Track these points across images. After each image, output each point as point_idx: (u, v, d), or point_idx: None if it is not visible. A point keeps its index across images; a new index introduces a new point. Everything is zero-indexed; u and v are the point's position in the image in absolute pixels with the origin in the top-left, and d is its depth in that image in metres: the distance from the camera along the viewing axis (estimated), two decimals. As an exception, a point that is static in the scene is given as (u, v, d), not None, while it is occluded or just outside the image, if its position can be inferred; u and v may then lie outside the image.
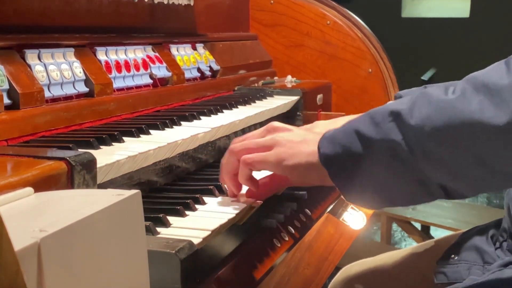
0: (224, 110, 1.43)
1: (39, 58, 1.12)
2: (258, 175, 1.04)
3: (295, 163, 0.95)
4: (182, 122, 1.24)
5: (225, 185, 1.04)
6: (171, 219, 0.89)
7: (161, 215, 0.87)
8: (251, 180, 0.99)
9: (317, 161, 0.93)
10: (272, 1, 2.16)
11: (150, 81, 1.42)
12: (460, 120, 0.81)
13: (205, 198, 1.01)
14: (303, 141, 0.96)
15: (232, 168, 1.00)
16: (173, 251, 0.72)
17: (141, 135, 1.09)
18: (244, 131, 1.46)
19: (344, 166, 0.90)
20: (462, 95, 0.82)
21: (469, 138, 0.81)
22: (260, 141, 0.98)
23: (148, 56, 1.44)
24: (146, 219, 0.77)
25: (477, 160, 0.82)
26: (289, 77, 2.01)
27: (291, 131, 1.00)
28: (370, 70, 2.07)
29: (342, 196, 0.96)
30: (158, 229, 0.85)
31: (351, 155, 0.89)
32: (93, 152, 0.84)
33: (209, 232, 0.85)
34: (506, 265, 1.03)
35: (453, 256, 1.15)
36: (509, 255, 1.06)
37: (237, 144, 1.00)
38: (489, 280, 1.00)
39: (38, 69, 1.10)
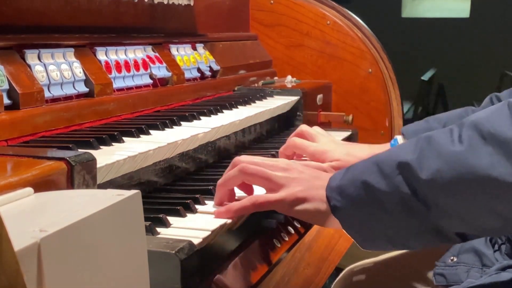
0: (224, 110, 1.43)
1: (39, 58, 1.12)
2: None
3: (303, 210, 0.93)
4: (182, 122, 1.24)
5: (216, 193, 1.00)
6: (171, 219, 0.89)
7: (161, 215, 0.87)
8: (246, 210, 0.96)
9: (326, 209, 0.92)
10: (272, 1, 2.16)
11: (150, 81, 1.42)
12: (471, 175, 0.79)
13: (205, 199, 1.01)
14: (314, 185, 0.95)
15: (233, 184, 0.99)
16: (173, 251, 0.72)
17: (141, 135, 1.09)
18: (244, 131, 1.46)
19: (356, 218, 0.90)
20: (470, 147, 0.80)
21: (482, 193, 0.79)
22: (273, 175, 0.95)
23: (148, 56, 1.44)
24: (146, 219, 0.77)
25: (491, 213, 0.81)
26: (289, 77, 2.01)
27: (302, 174, 0.97)
28: (370, 70, 2.07)
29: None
30: (158, 229, 0.85)
31: (362, 208, 0.88)
32: (93, 152, 0.84)
33: (209, 232, 0.85)
34: (504, 268, 1.03)
35: (452, 258, 1.15)
36: (507, 259, 1.06)
37: (250, 166, 0.97)
38: (485, 283, 1.01)
39: (38, 69, 1.10)
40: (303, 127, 1.24)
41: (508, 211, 0.80)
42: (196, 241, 0.79)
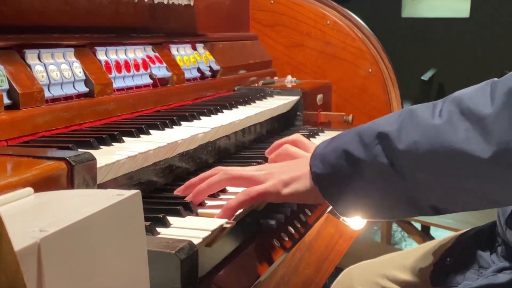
0: (224, 110, 1.43)
1: (39, 58, 1.12)
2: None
3: (292, 191, 0.97)
4: (182, 122, 1.24)
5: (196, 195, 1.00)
6: (171, 219, 0.89)
7: (161, 215, 0.87)
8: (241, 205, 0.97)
9: (310, 183, 0.95)
10: (272, 1, 2.16)
11: (150, 81, 1.42)
12: (446, 149, 0.81)
13: (205, 199, 1.01)
14: (296, 167, 0.98)
15: (218, 188, 1.00)
16: (173, 251, 0.72)
17: (141, 135, 1.09)
18: (244, 131, 1.46)
19: (334, 185, 0.92)
20: (449, 121, 0.82)
21: (456, 168, 0.81)
22: (255, 173, 0.99)
23: (148, 56, 1.44)
24: (146, 219, 0.77)
25: (465, 188, 0.83)
26: (289, 77, 2.01)
27: (283, 166, 1.01)
28: (370, 70, 2.07)
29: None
30: (158, 229, 0.85)
31: (341, 175, 0.91)
32: (93, 152, 0.84)
33: (209, 232, 0.85)
34: (500, 270, 1.03)
35: (448, 259, 1.15)
36: (503, 261, 1.06)
37: (234, 170, 1.00)
38: (482, 285, 1.01)
39: (38, 69, 1.10)
40: (297, 136, 1.20)
41: (479, 186, 0.82)
42: (196, 241, 0.79)
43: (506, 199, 0.85)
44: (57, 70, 1.14)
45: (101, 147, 0.98)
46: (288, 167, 0.99)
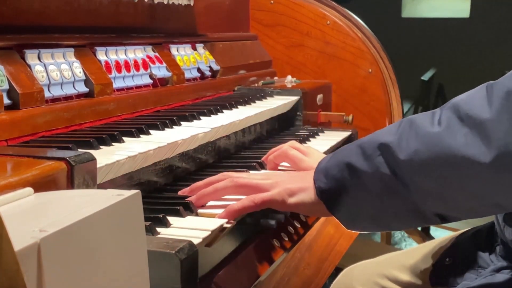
0: (224, 110, 1.43)
1: (39, 58, 1.12)
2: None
3: (298, 201, 0.96)
4: (182, 122, 1.24)
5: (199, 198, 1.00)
6: (171, 219, 0.89)
7: (161, 215, 0.87)
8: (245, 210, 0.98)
9: (315, 196, 0.95)
10: (272, 1, 2.16)
11: (150, 81, 1.42)
12: (446, 155, 0.81)
13: (205, 198, 1.01)
14: (302, 179, 0.98)
15: (223, 194, 1.00)
16: (173, 251, 0.72)
17: (141, 135, 1.09)
18: (244, 131, 1.46)
19: (340, 199, 0.93)
20: (448, 127, 0.82)
21: (458, 173, 0.82)
22: (261, 182, 0.99)
23: (148, 56, 1.44)
24: (146, 219, 0.77)
25: (467, 194, 0.83)
26: (289, 77, 2.01)
27: (289, 175, 1.02)
28: (370, 70, 2.07)
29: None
30: (158, 229, 0.85)
31: (345, 188, 0.91)
32: (93, 152, 0.84)
33: (209, 232, 0.85)
34: (498, 270, 1.03)
35: (447, 259, 1.15)
36: (501, 260, 1.06)
37: (240, 178, 1.00)
38: (480, 285, 1.01)
39: (38, 69, 1.10)
40: (292, 142, 1.20)
41: (481, 191, 0.82)
42: (196, 241, 0.79)
43: (510, 203, 0.85)
44: (57, 70, 1.14)
45: (101, 147, 0.98)
46: (295, 178, 1.00)
